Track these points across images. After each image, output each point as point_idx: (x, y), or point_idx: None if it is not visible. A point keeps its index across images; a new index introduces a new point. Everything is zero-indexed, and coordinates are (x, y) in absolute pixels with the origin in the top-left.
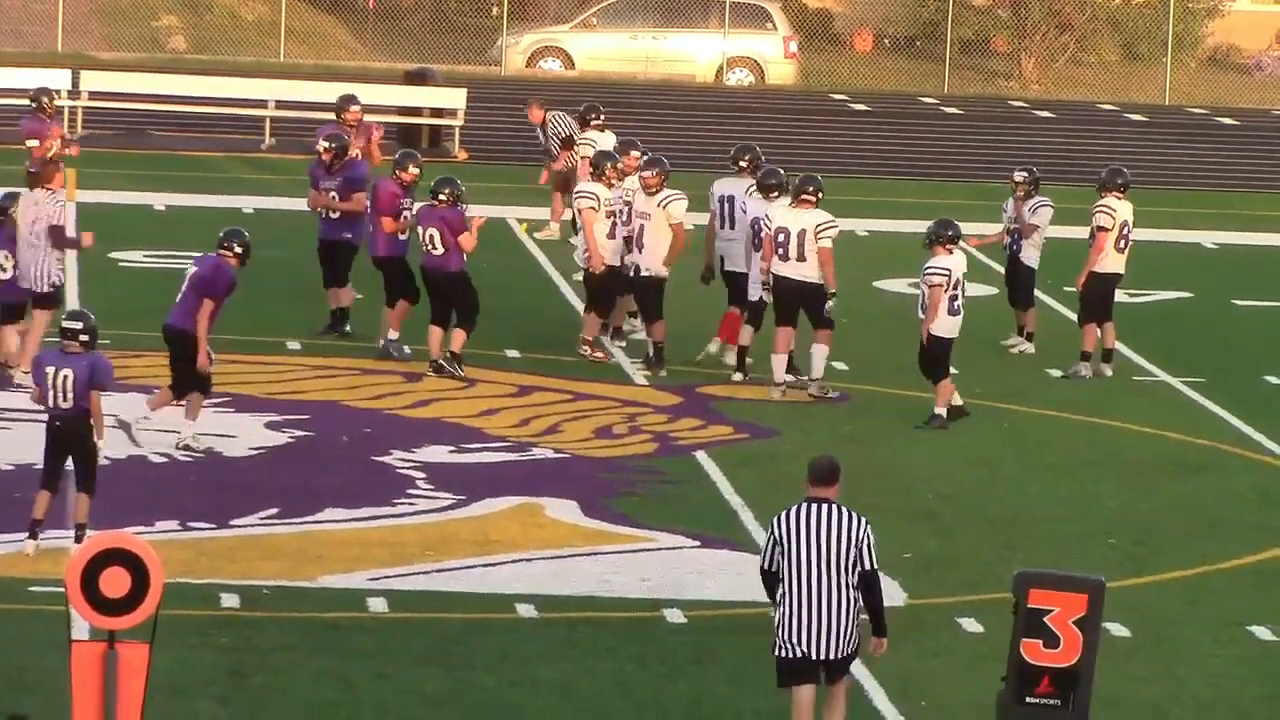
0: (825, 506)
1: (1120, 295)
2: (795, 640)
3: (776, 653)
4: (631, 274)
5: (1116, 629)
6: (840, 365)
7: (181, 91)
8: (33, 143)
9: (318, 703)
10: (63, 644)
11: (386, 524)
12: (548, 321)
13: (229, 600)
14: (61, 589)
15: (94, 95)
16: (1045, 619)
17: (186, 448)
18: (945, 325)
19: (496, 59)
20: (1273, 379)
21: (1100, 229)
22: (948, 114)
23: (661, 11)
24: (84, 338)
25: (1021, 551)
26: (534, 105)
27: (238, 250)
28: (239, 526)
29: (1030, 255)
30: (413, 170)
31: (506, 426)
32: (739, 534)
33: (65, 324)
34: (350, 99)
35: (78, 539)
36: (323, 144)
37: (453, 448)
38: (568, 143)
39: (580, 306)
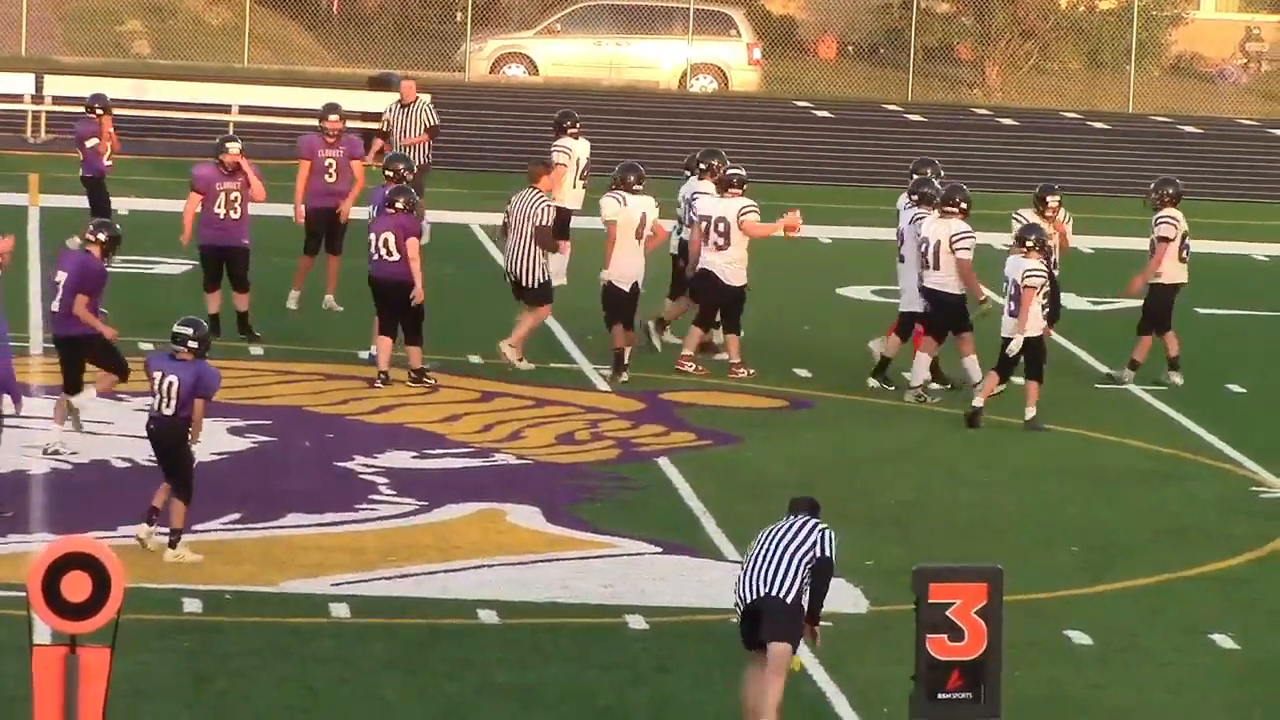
0: (794, 516)
1: (1082, 303)
2: (738, 596)
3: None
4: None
5: (1078, 637)
6: (803, 372)
7: (145, 96)
8: (92, 142)
9: (280, 708)
10: (23, 648)
11: (349, 529)
12: (510, 327)
13: (191, 605)
14: (22, 593)
15: (57, 100)
16: (947, 613)
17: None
18: (1035, 324)
19: (460, 65)
20: (1235, 387)
21: (1163, 239)
22: (911, 121)
23: (626, 18)
24: (193, 345)
25: (984, 559)
26: None
27: (102, 239)
28: (201, 531)
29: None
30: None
31: (469, 432)
32: (701, 540)
33: (177, 330)
34: (333, 107)
35: (171, 544)
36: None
37: (415, 453)
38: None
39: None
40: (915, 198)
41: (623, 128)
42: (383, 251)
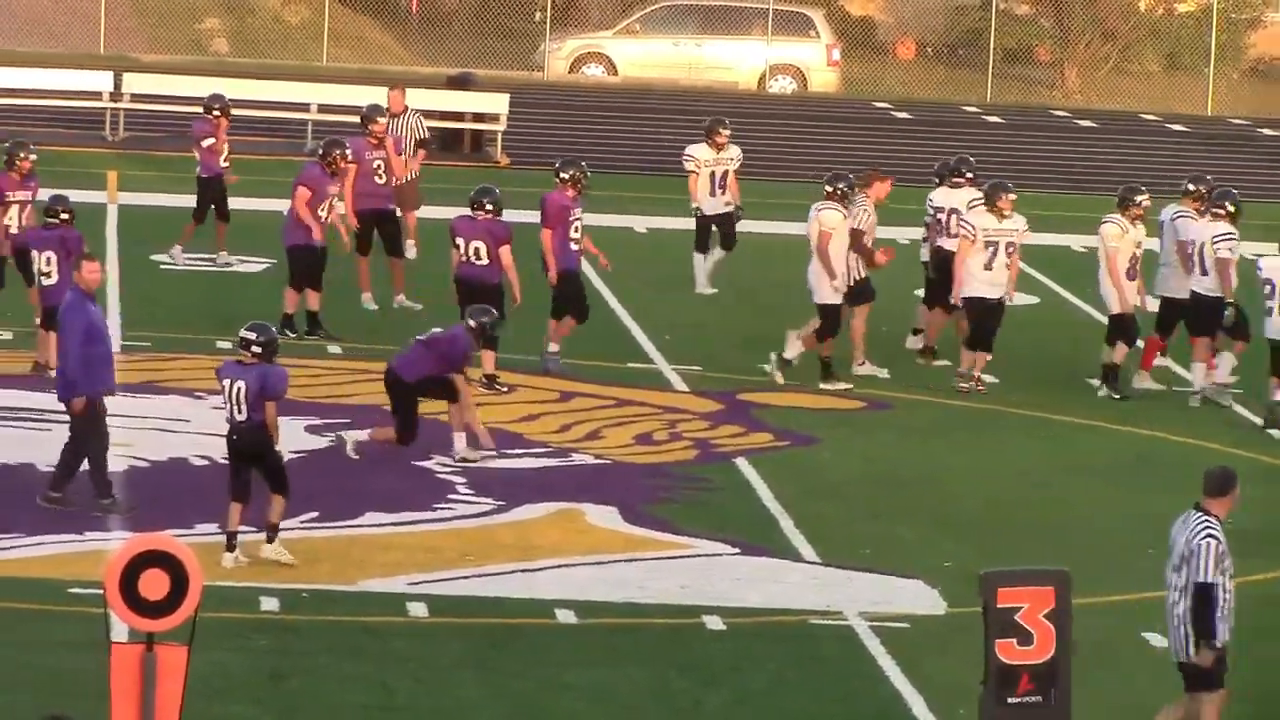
0: (1191, 512)
1: (1154, 305)
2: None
3: None
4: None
5: (1156, 639)
6: (881, 373)
7: (223, 94)
8: (208, 142)
9: (355, 706)
10: (102, 645)
11: (427, 528)
12: (590, 327)
13: (268, 604)
14: (101, 591)
15: (136, 97)
16: (1016, 616)
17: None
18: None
19: (539, 64)
20: None
21: (1224, 260)
22: (990, 123)
23: (705, 18)
24: (257, 349)
25: (1062, 560)
26: None
27: (472, 325)
28: (280, 529)
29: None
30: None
31: (548, 432)
32: (778, 541)
33: (242, 335)
34: (376, 109)
35: (269, 539)
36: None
37: (493, 453)
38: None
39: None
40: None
41: (700, 129)
42: (471, 255)
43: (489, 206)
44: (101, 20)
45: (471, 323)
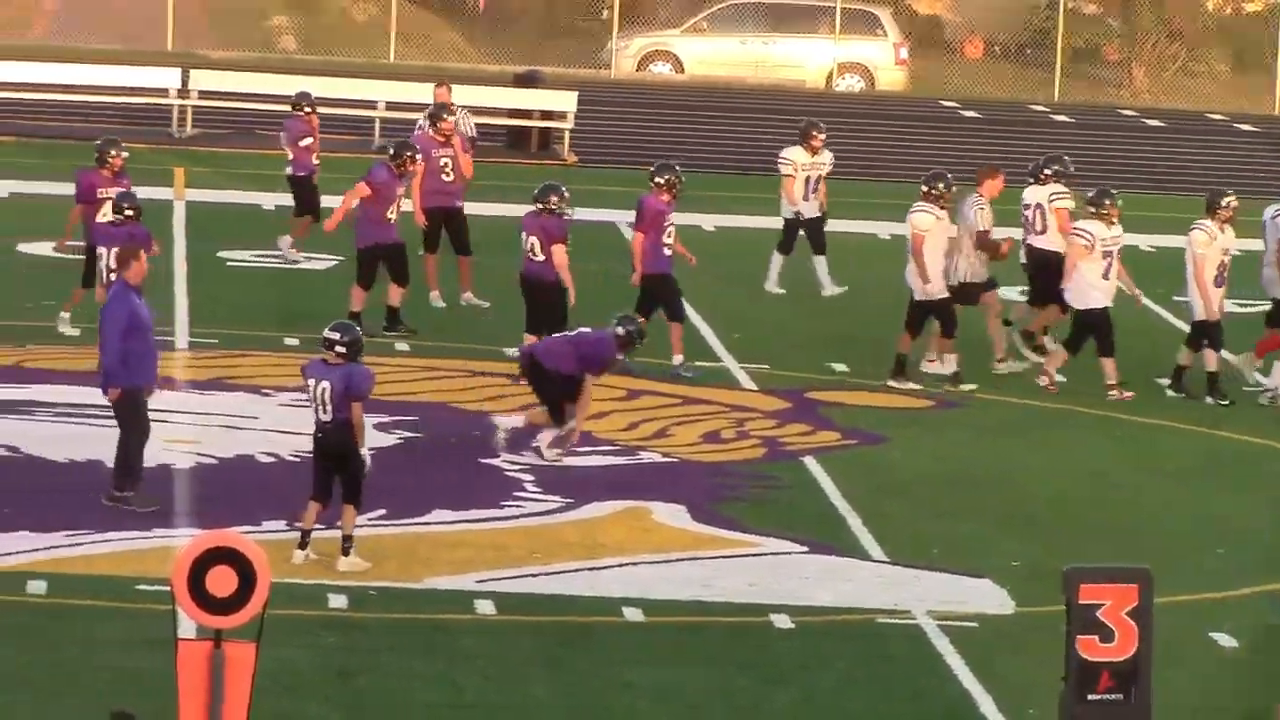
0: None
1: (1231, 305)
2: None
3: None
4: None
5: (1224, 639)
6: (946, 370)
7: (291, 91)
8: (306, 141)
9: (423, 704)
10: (169, 643)
11: (494, 526)
12: (655, 325)
13: (336, 601)
14: (168, 588)
15: (203, 94)
16: (1098, 614)
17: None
18: None
19: (606, 62)
20: None
21: None
22: (1057, 122)
23: (772, 16)
24: (341, 349)
25: (1131, 559)
26: None
27: (619, 334)
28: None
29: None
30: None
31: (615, 430)
32: (846, 540)
33: (326, 335)
34: (443, 107)
35: (345, 550)
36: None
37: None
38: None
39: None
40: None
41: (768, 127)
42: (530, 251)
43: (547, 203)
44: (169, 18)
45: (620, 330)
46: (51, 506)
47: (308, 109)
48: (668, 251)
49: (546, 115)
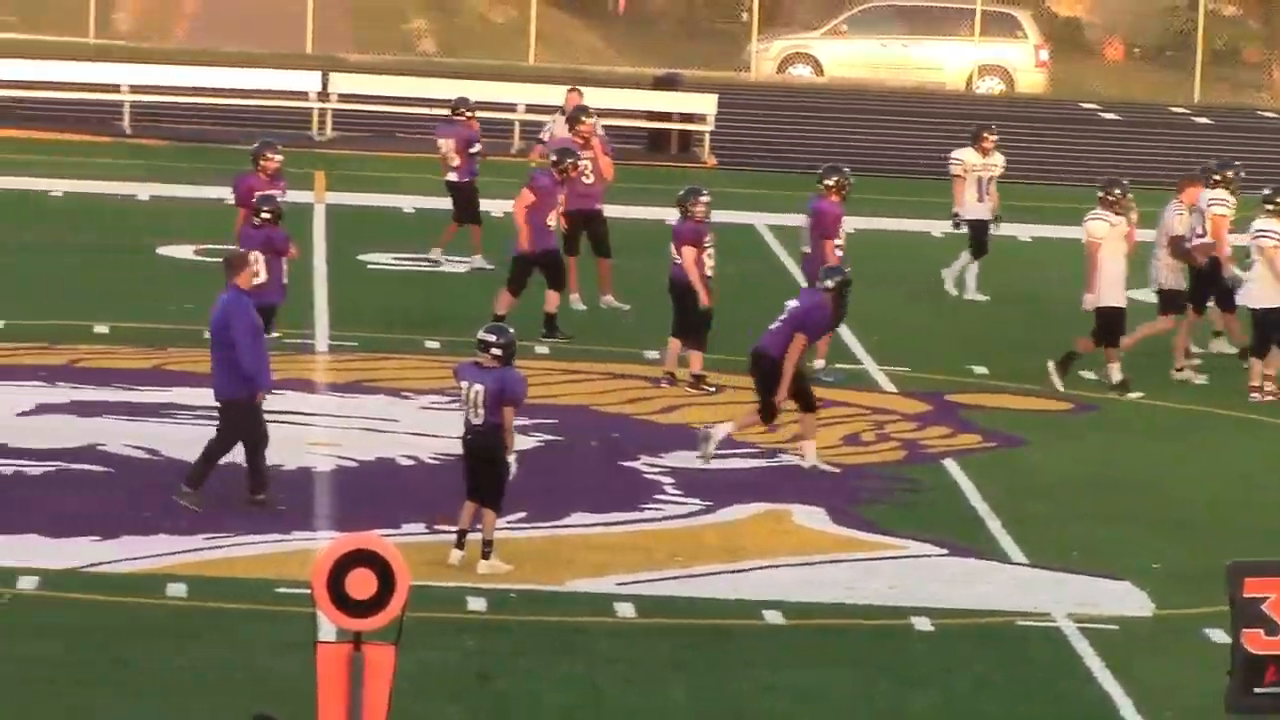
0: None
1: None
2: None
3: None
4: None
5: None
6: (1088, 374)
7: (430, 94)
8: (477, 147)
9: (563, 707)
10: (309, 645)
11: (634, 529)
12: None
13: (475, 604)
14: (308, 590)
15: (343, 97)
16: (1263, 607)
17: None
18: None
19: (746, 65)
20: None
21: None
22: (1198, 124)
23: (912, 19)
24: (497, 351)
25: None
26: None
27: (829, 286)
28: (492, 544)
29: None
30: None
31: (755, 433)
32: (987, 542)
33: (482, 336)
34: (583, 109)
35: (485, 554)
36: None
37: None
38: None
39: None
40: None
41: (908, 129)
42: (674, 255)
43: (681, 206)
44: (309, 21)
45: (829, 283)
46: (191, 509)
47: (467, 113)
48: (840, 254)
49: (686, 118)
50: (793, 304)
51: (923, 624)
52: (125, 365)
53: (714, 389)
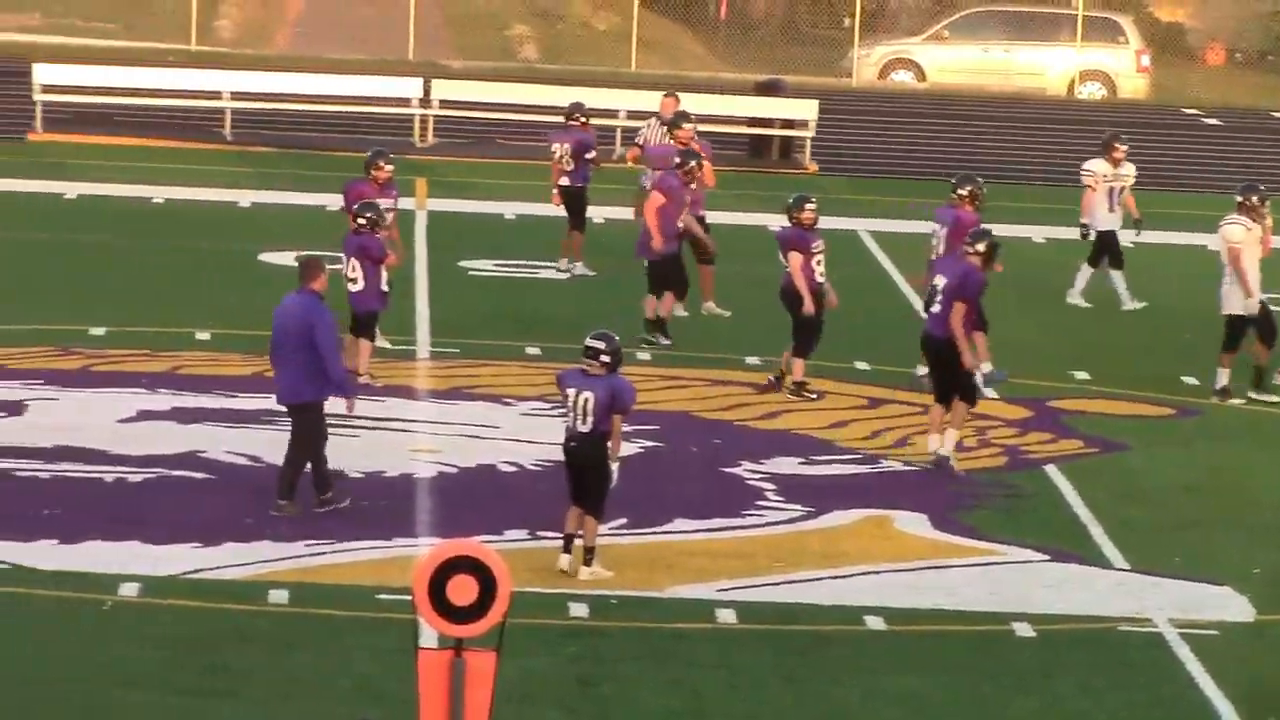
0: None
1: None
2: None
3: None
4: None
5: None
6: (1190, 379)
7: (532, 100)
8: (592, 154)
9: (664, 713)
10: (410, 651)
11: (735, 535)
12: (897, 334)
13: (577, 609)
14: (409, 597)
15: (444, 104)
16: None
17: (940, 462)
18: None
19: (848, 70)
20: None
21: None
22: None
23: (1014, 25)
24: (606, 359)
25: None
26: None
27: (980, 249)
28: (594, 551)
29: None
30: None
31: (857, 439)
32: (1089, 548)
33: (589, 344)
34: (684, 115)
35: (586, 561)
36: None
37: (802, 459)
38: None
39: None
40: None
41: (1010, 135)
42: (784, 261)
43: (789, 213)
44: (411, 28)
45: (980, 247)
46: (293, 516)
47: (582, 118)
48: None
49: (787, 124)
50: (942, 281)
51: (1024, 629)
52: (226, 372)
53: (815, 396)
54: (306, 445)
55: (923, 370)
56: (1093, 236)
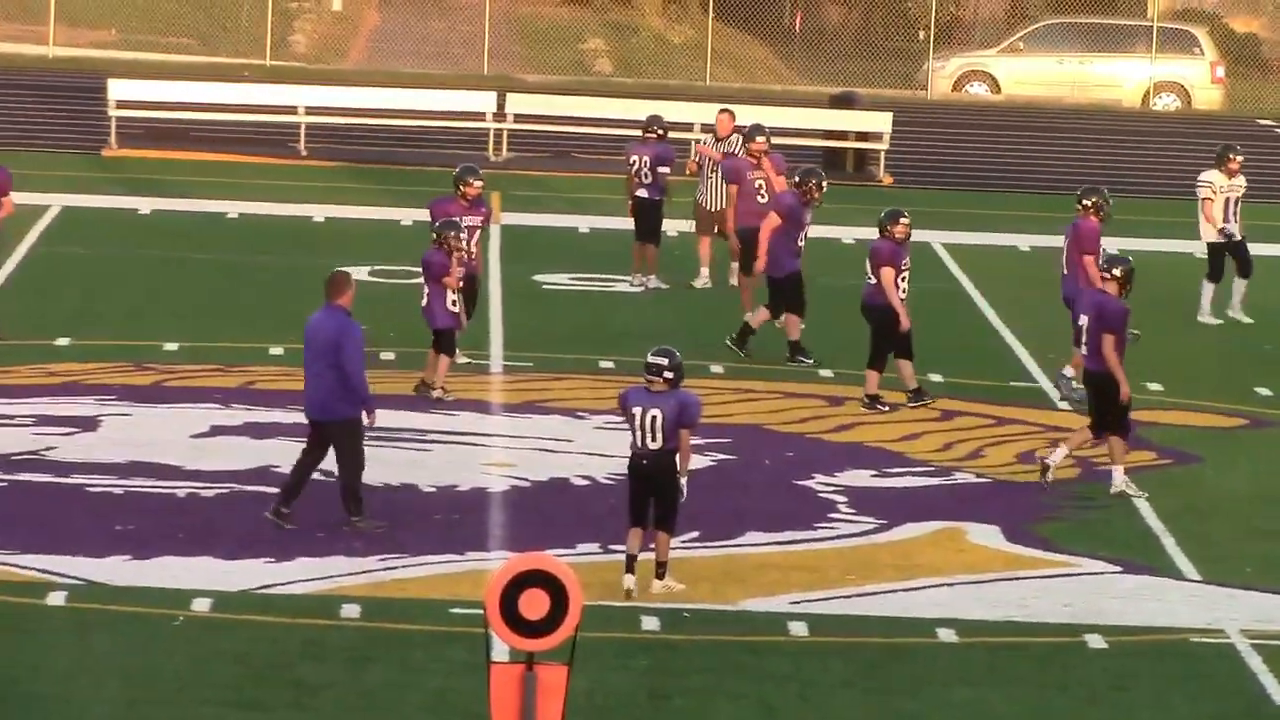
0: None
1: None
2: None
3: None
4: None
5: None
6: (1264, 390)
7: (606, 114)
8: (665, 169)
9: None
10: (482, 665)
11: (808, 548)
12: (971, 345)
13: (649, 623)
14: (481, 611)
15: (519, 118)
16: None
17: (1120, 494)
18: None
19: (922, 83)
20: None
21: None
22: None
23: (1088, 36)
24: (669, 375)
25: None
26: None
27: (1116, 275)
28: (666, 565)
29: None
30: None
31: (929, 451)
32: (1161, 560)
33: (651, 360)
34: (758, 128)
35: (659, 575)
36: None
37: (874, 472)
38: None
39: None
40: None
41: (1085, 146)
42: (869, 276)
43: (882, 227)
44: (485, 42)
45: (1116, 271)
46: (365, 531)
47: (660, 131)
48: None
49: (862, 136)
50: (1084, 320)
51: (1096, 641)
52: (299, 387)
53: (888, 408)
54: (352, 459)
55: (1070, 371)
56: (1236, 237)
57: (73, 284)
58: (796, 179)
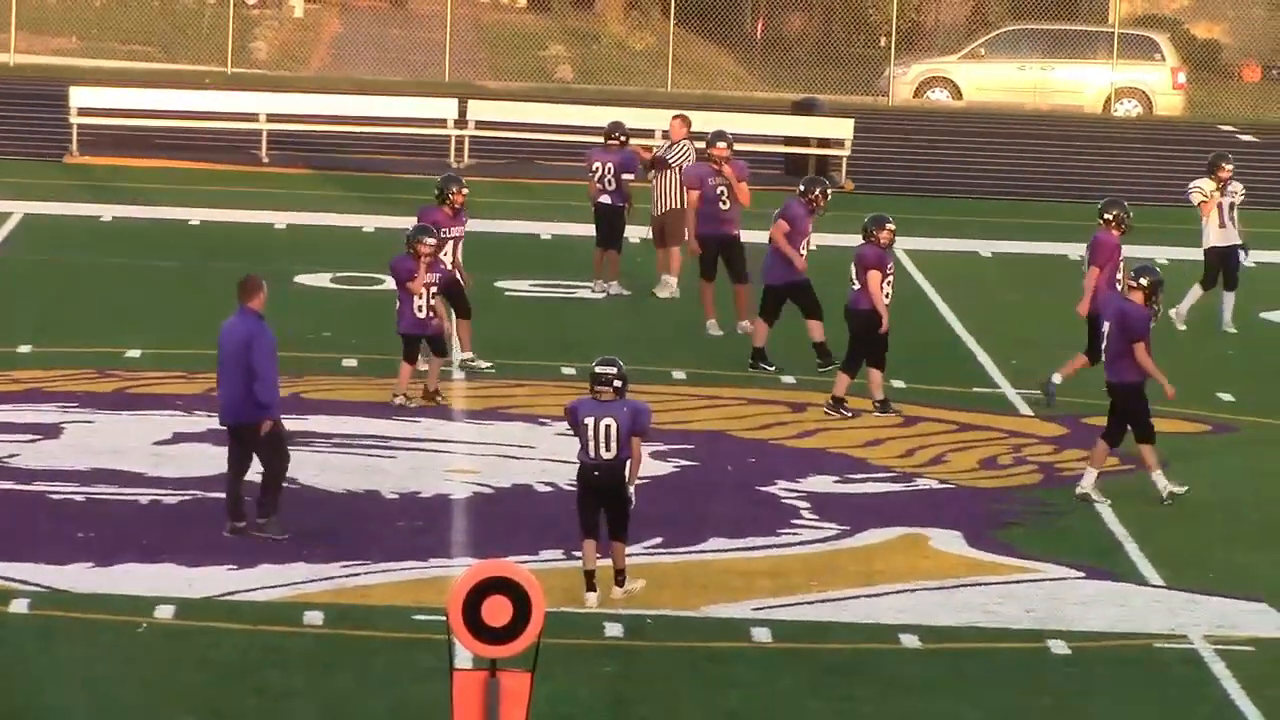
0: None
1: None
2: None
3: None
4: None
5: None
6: (1226, 396)
7: (568, 121)
8: (628, 176)
9: None
10: (445, 672)
11: (771, 554)
12: (933, 351)
13: (612, 629)
14: (444, 617)
15: (480, 124)
16: None
17: (1172, 495)
18: None
19: (884, 89)
20: None
21: None
22: None
23: (1049, 42)
24: (618, 384)
25: None
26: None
27: (1143, 284)
28: (625, 572)
29: None
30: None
31: (892, 457)
32: (1123, 565)
33: (598, 370)
34: (720, 135)
35: (618, 583)
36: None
37: (837, 478)
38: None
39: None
40: None
41: (1046, 152)
42: (853, 281)
43: (867, 232)
44: (447, 49)
45: (1143, 281)
46: (328, 537)
47: (621, 138)
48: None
49: (823, 142)
50: (1106, 327)
51: (1059, 647)
52: None
53: (851, 414)
54: (275, 461)
55: (1058, 379)
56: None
57: (34, 291)
58: (802, 187)
